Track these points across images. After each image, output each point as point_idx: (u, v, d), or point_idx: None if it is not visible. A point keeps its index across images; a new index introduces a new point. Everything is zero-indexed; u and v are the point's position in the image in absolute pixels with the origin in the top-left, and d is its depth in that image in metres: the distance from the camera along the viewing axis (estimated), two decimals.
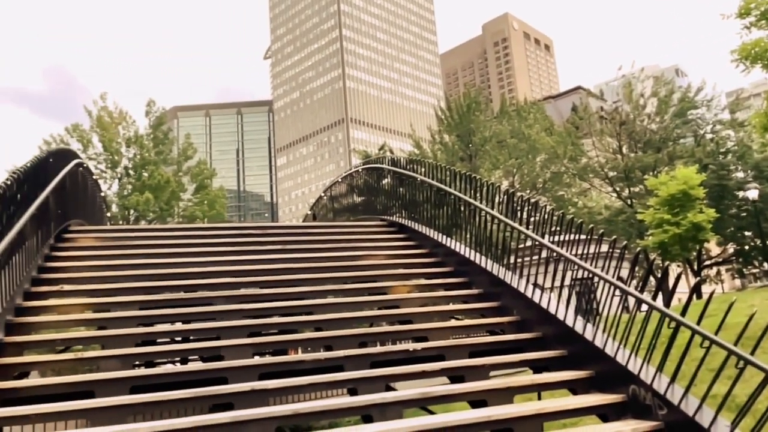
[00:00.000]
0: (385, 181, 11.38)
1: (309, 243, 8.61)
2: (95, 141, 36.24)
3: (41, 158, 7.03)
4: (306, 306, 6.40)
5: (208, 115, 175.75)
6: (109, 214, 19.54)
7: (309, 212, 20.06)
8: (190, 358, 7.23)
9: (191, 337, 6.70)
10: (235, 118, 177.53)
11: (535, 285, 5.77)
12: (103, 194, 15.45)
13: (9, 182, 5.35)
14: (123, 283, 6.49)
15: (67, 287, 6.13)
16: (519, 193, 6.67)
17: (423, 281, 7.48)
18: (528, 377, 4.95)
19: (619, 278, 4.61)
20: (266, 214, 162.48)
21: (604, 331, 4.61)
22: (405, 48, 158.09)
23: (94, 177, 13.38)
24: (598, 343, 4.62)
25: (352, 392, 4.55)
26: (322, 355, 5.08)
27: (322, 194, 18.03)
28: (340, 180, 15.39)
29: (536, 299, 5.63)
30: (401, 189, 10.11)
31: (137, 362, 5.45)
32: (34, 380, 4.48)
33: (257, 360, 5.11)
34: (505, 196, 6.42)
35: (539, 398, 5.13)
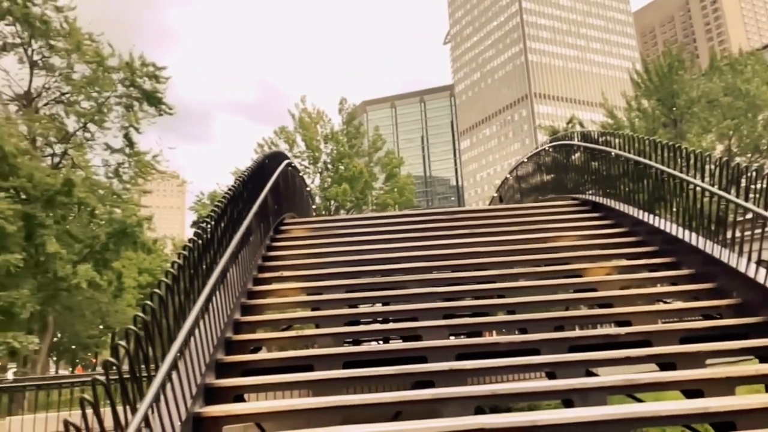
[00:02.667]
0: (575, 157, 10.85)
1: (497, 226, 8.60)
2: (299, 140, 40.12)
3: (259, 161, 8.05)
4: (497, 289, 6.44)
5: (394, 106, 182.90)
6: (314, 206, 21.58)
7: (495, 194, 19.92)
8: (391, 337, 7.75)
9: (390, 318, 7.18)
10: (419, 106, 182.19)
11: (759, 263, 5.08)
12: (308, 188, 17.11)
13: (236, 185, 6.24)
14: (330, 268, 7.17)
15: (286, 273, 6.97)
16: (736, 160, 5.89)
17: (623, 262, 7.03)
18: (753, 367, 4.40)
19: None
20: (452, 198, 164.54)
21: None
22: (592, 11, 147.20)
23: (300, 173, 14.88)
24: None
25: (551, 376, 4.50)
26: (518, 337, 5.08)
27: (508, 175, 17.76)
28: (525, 160, 15.02)
29: (760, 279, 4.96)
30: (594, 164, 9.55)
31: (347, 340, 6.01)
32: (265, 354, 5.21)
33: (454, 341, 5.30)
34: (717, 166, 5.72)
35: None
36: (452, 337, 5.86)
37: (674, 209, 6.66)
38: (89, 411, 2.45)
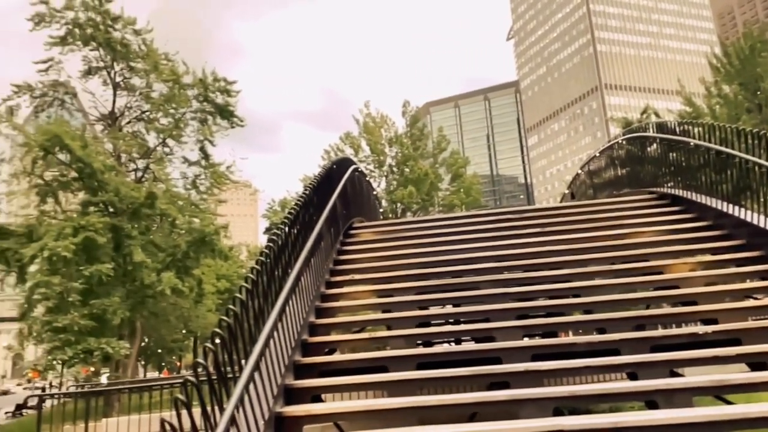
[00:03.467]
0: (651, 149, 10.41)
1: (570, 223, 8.38)
2: (363, 145, 40.65)
3: (327, 168, 8.25)
4: (572, 288, 6.28)
5: (457, 106, 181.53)
6: (380, 210, 21.79)
7: (566, 191, 19.38)
8: (463, 338, 7.71)
9: (462, 320, 7.14)
10: (483, 105, 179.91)
11: None
12: (375, 192, 17.31)
13: (307, 192, 6.43)
14: (400, 270, 7.23)
15: (357, 276, 7.09)
16: None
17: (708, 257, 6.68)
18: None
19: None
20: (521, 196, 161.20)
21: None
22: None
23: (366, 178, 15.08)
24: None
25: (632, 377, 4.35)
26: (596, 338, 4.95)
27: (579, 171, 17.23)
28: (598, 154, 14.53)
29: None
30: (672, 155, 9.13)
31: (419, 341, 6.04)
32: (341, 356, 5.33)
33: (529, 341, 5.23)
34: None
35: None
36: (526, 338, 5.77)
37: (762, 200, 6.27)
38: (173, 411, 2.61)
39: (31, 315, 22.77)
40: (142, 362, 45.34)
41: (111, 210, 22.80)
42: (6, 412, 29.59)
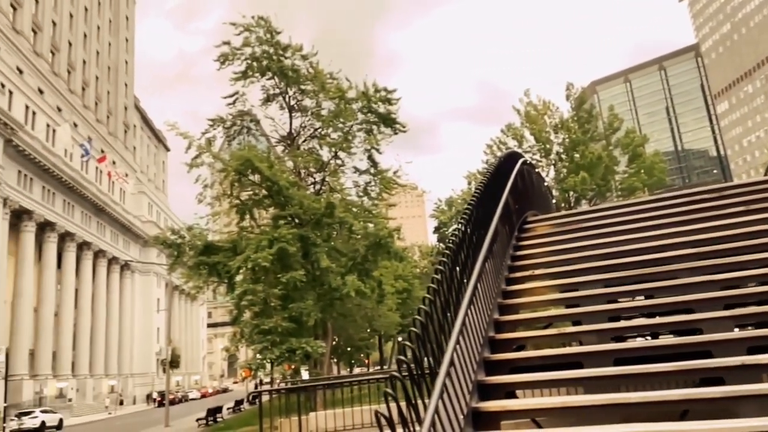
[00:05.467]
0: None
1: None
2: (527, 135, 39.54)
3: (495, 164, 8.23)
4: None
5: (627, 81, 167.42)
6: (553, 201, 21.01)
7: None
8: (660, 332, 7.16)
9: (657, 312, 6.64)
10: (658, 75, 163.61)
11: None
12: (545, 183, 16.76)
13: (478, 190, 6.49)
14: (583, 263, 6.96)
15: (537, 271, 6.97)
16: None
17: None
18: None
19: None
20: (714, 171, 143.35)
21: None
22: None
23: (535, 169, 14.68)
24: None
25: None
26: None
27: None
28: None
29: None
30: None
31: (612, 337, 5.76)
32: (532, 352, 5.30)
33: (742, 332, 4.72)
34: None
35: None
36: (736, 329, 5.21)
37: None
38: (365, 405, 2.85)
39: (241, 319, 25.90)
40: (335, 360, 48.89)
41: (297, 222, 25.03)
42: (228, 407, 33.94)
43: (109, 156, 68.68)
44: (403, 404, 2.98)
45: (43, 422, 36.33)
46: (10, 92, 49.90)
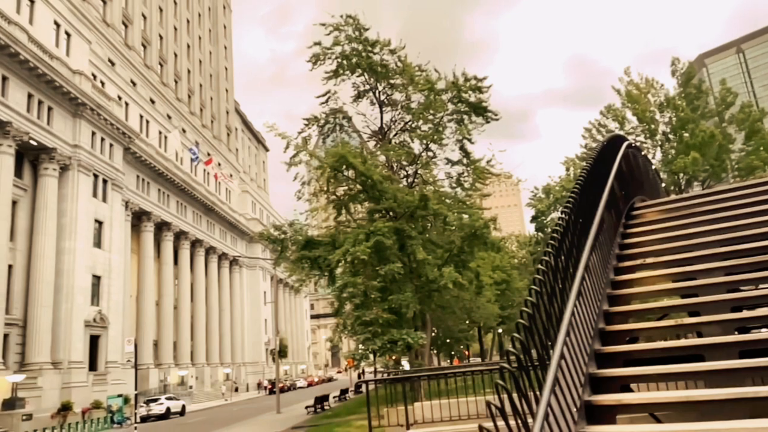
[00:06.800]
0: None
1: None
2: (629, 116, 37.38)
3: (598, 149, 7.90)
4: None
5: (740, 51, 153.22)
6: (662, 184, 19.79)
7: None
8: None
9: None
10: None
11: None
12: (653, 167, 15.82)
13: (582, 177, 6.28)
14: (699, 251, 6.55)
15: (649, 260, 6.65)
16: None
17: None
18: None
19: None
20: None
21: None
22: None
23: (641, 152, 13.90)
24: None
25: None
26: None
27: None
28: None
29: None
30: None
31: (735, 328, 5.40)
32: (648, 344, 5.09)
33: None
34: None
35: None
36: None
37: None
38: (471, 396, 2.88)
39: (343, 311, 26.70)
40: (435, 351, 49.11)
41: (392, 215, 25.34)
42: (334, 396, 35.20)
43: (214, 158, 73.12)
44: (513, 396, 3.00)
45: (168, 408, 39.44)
46: (126, 104, 54.42)
